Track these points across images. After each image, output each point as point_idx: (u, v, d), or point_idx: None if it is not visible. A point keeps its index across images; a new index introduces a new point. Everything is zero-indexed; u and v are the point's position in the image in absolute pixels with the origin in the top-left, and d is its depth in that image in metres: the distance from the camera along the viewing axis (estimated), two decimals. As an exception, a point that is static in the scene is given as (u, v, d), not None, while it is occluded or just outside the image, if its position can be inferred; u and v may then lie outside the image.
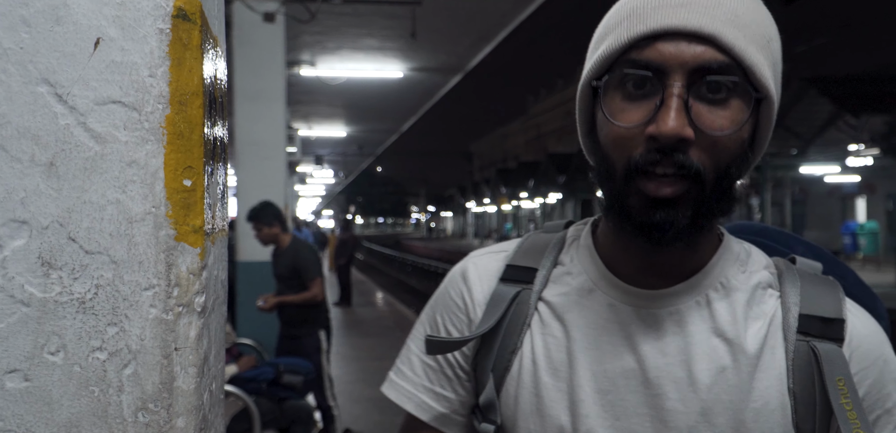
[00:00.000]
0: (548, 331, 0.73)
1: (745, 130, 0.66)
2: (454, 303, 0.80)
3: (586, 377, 0.70)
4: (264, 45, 6.14)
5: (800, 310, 0.69)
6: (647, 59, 0.64)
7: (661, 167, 0.63)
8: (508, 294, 0.76)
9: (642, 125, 0.64)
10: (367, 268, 26.03)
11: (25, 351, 0.62)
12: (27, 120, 0.62)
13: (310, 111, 13.15)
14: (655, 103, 0.64)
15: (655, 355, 0.69)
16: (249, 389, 3.53)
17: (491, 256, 0.81)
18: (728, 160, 0.65)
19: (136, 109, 0.64)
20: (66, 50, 0.62)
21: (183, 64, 0.65)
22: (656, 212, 0.64)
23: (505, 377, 0.74)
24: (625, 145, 0.66)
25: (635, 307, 0.71)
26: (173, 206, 0.65)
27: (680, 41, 0.63)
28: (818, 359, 0.66)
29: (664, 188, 0.63)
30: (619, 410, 0.69)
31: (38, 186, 0.62)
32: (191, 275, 0.66)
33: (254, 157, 6.03)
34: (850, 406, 0.64)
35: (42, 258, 0.62)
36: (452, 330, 0.79)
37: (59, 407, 0.62)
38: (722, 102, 0.64)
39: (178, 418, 0.65)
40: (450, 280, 0.82)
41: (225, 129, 0.80)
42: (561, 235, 0.80)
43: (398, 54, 9.03)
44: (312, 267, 4.35)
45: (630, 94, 0.66)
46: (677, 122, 0.62)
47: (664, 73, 0.64)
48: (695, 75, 0.63)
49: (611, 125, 0.67)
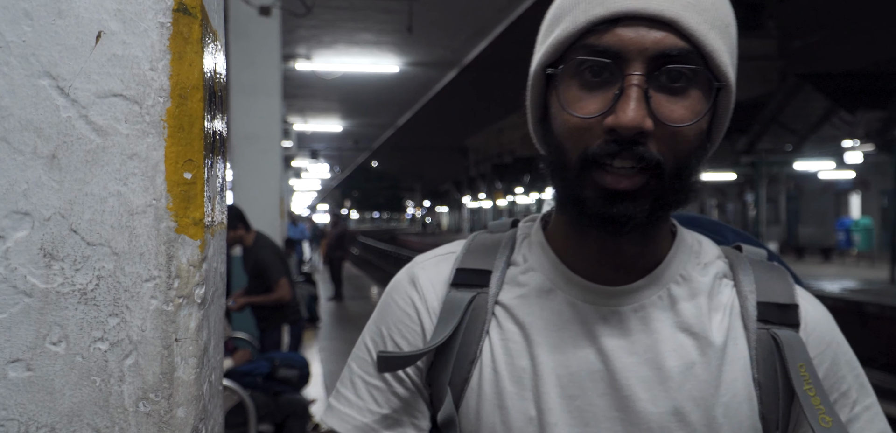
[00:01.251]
0: (507, 337, 0.69)
1: (704, 121, 0.63)
2: (403, 312, 0.73)
3: (551, 382, 0.66)
4: (260, 38, 6.12)
5: (757, 298, 0.68)
6: (606, 44, 0.61)
7: (620, 160, 0.60)
8: (463, 299, 0.70)
9: (600, 116, 0.61)
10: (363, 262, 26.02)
11: (28, 341, 0.63)
12: (29, 112, 0.62)
13: (305, 105, 13.12)
14: (614, 93, 0.61)
15: (622, 355, 0.65)
16: (245, 383, 3.54)
17: (438, 259, 0.76)
18: (687, 151, 0.63)
19: (137, 102, 0.64)
20: (68, 43, 0.63)
21: (183, 58, 0.65)
22: (614, 205, 0.61)
23: (464, 389, 0.69)
24: (581, 136, 0.62)
25: (597, 305, 0.68)
26: (174, 199, 0.65)
27: (640, 25, 0.60)
28: (780, 346, 0.65)
29: (622, 181, 0.61)
30: (588, 415, 0.65)
31: (40, 178, 0.63)
32: (191, 267, 0.66)
33: (249, 151, 6.02)
34: (813, 392, 0.63)
35: (44, 249, 0.63)
36: (402, 343, 0.72)
37: (61, 396, 0.63)
38: (681, 92, 0.61)
39: (179, 408, 0.66)
40: (395, 288, 0.75)
41: (224, 122, 0.81)
42: (510, 234, 0.75)
43: (394, 49, 9.02)
44: (273, 268, 4.30)
45: (587, 83, 0.62)
46: (637, 113, 0.59)
47: (623, 61, 0.60)
48: (655, 63, 0.60)
49: (566, 116, 0.63)
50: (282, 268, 4.37)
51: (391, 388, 0.72)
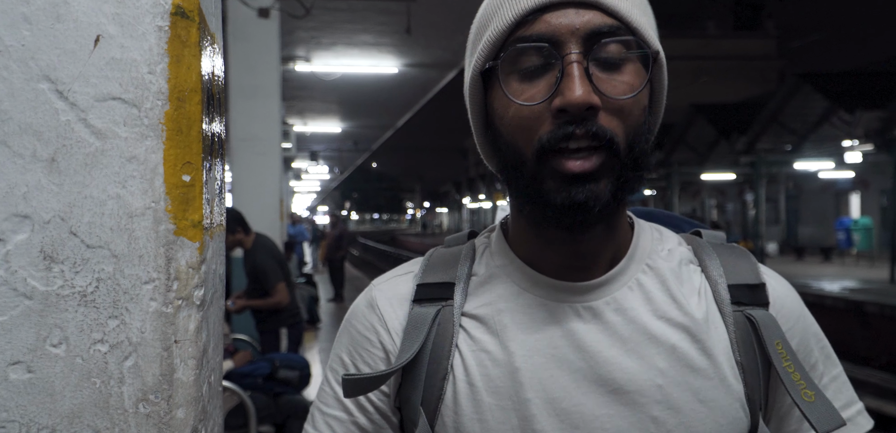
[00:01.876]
0: (479, 347, 0.66)
1: (644, 95, 0.64)
2: (364, 337, 0.71)
3: (534, 389, 0.64)
4: (259, 40, 6.13)
5: (727, 281, 0.68)
6: (538, 32, 0.61)
7: (575, 141, 0.60)
8: (428, 315, 0.68)
9: (546, 100, 0.61)
10: (363, 263, 26.03)
11: (28, 343, 0.63)
12: (29, 116, 0.63)
13: (305, 107, 13.13)
14: (555, 76, 0.61)
15: (603, 350, 0.64)
16: (245, 384, 3.54)
17: (396, 279, 0.74)
18: (635, 126, 0.63)
19: (136, 106, 0.65)
20: (67, 47, 0.63)
21: (181, 61, 0.66)
22: (577, 189, 0.60)
23: (438, 408, 0.66)
24: (530, 127, 0.62)
25: (570, 303, 0.66)
26: (173, 201, 0.66)
27: (567, 9, 0.61)
28: (756, 326, 0.66)
29: (582, 163, 0.60)
30: (577, 417, 0.63)
31: (39, 181, 0.63)
32: (190, 269, 0.67)
33: (249, 153, 6.02)
34: (793, 368, 0.64)
35: (44, 252, 0.63)
36: (365, 369, 0.70)
37: (61, 398, 0.63)
38: (617, 67, 0.62)
39: (178, 409, 0.66)
40: (354, 315, 0.74)
41: (222, 125, 0.81)
42: (468, 246, 0.74)
43: (393, 50, 9.03)
44: (270, 274, 4.29)
45: (526, 74, 0.62)
46: (583, 89, 0.59)
47: (558, 44, 0.61)
48: (588, 42, 0.61)
49: (513, 106, 0.63)
50: (280, 273, 4.36)
51: (353, 418, 0.70)
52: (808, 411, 0.61)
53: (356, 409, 0.70)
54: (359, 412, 0.70)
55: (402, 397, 0.69)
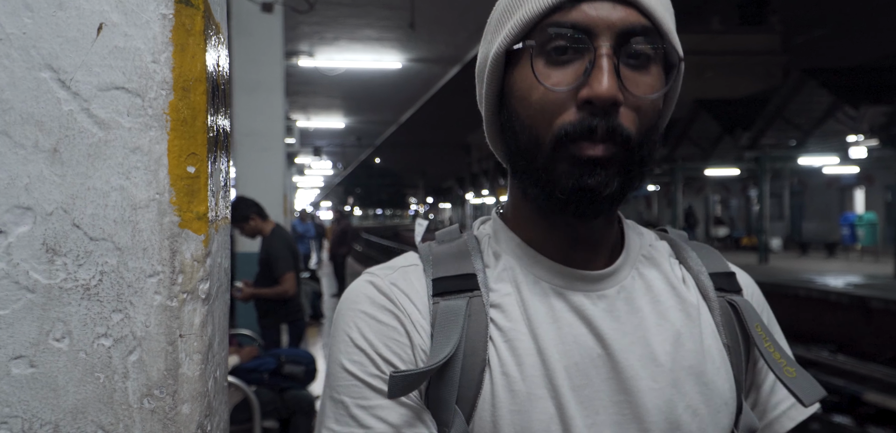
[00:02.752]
0: (510, 337, 0.66)
1: (661, 98, 0.65)
2: (387, 326, 0.65)
3: (562, 375, 0.64)
4: (262, 35, 6.12)
5: (707, 270, 0.72)
6: (574, 20, 0.62)
7: (597, 134, 0.61)
8: (460, 307, 0.65)
9: (573, 89, 0.62)
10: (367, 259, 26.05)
11: (31, 337, 0.62)
12: (31, 106, 0.61)
13: (308, 102, 13.12)
14: (585, 66, 0.61)
15: (617, 337, 0.66)
16: (250, 380, 3.54)
17: (403, 271, 0.70)
18: (649, 126, 0.64)
19: (140, 95, 0.63)
20: (69, 35, 0.62)
21: (186, 50, 0.64)
22: (590, 175, 0.61)
23: (476, 404, 0.63)
24: (552, 112, 0.62)
25: (585, 291, 0.67)
26: (177, 193, 0.65)
27: (604, 3, 0.62)
28: (738, 311, 0.70)
29: (597, 148, 0.61)
30: (598, 404, 0.64)
31: (41, 172, 0.62)
32: (195, 263, 0.66)
33: (252, 149, 6.02)
34: (772, 348, 0.67)
35: (46, 244, 0.62)
36: (395, 359, 0.64)
37: (64, 393, 0.62)
38: (643, 67, 0.63)
39: (184, 404, 0.65)
40: (365, 302, 0.67)
41: (227, 117, 0.80)
42: (470, 239, 0.73)
43: (396, 45, 9.00)
44: (282, 261, 4.27)
45: (554, 59, 0.63)
46: (612, 84, 0.60)
47: (592, 35, 0.61)
48: (621, 38, 0.61)
49: (540, 89, 0.63)
50: (291, 263, 4.37)
51: (415, 413, 0.64)
52: (792, 386, 0.65)
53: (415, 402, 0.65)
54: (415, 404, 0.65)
55: (431, 396, 0.65)
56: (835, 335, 10.46)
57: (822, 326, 10.82)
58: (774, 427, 0.73)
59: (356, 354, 0.65)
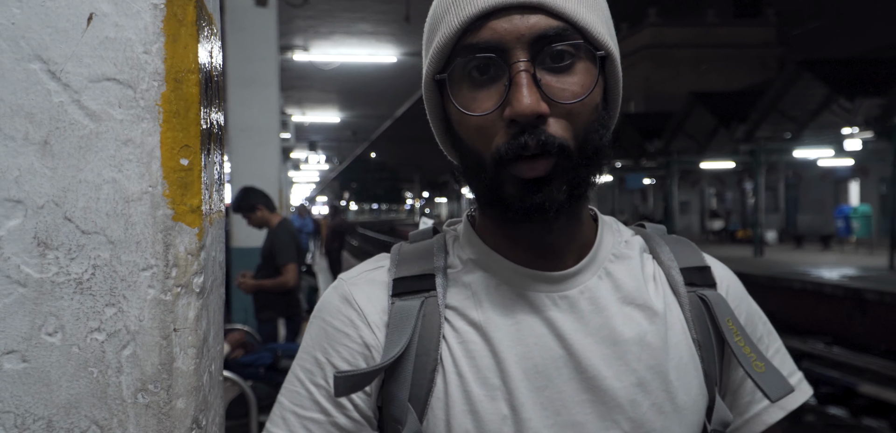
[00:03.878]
0: (465, 339, 0.66)
1: (596, 93, 0.64)
2: (341, 333, 0.68)
3: (519, 377, 0.64)
4: (257, 29, 6.09)
5: (679, 264, 0.72)
6: (484, 40, 0.62)
7: (528, 150, 0.61)
8: (413, 307, 0.67)
9: (498, 110, 0.62)
10: (362, 254, 26.05)
11: (23, 332, 0.61)
12: (20, 97, 0.61)
13: (303, 97, 13.08)
14: (504, 84, 0.61)
15: (579, 337, 0.66)
16: (247, 374, 3.54)
17: (367, 274, 0.72)
18: (585, 126, 0.63)
19: (131, 87, 0.63)
20: (59, 26, 0.61)
21: (178, 40, 0.64)
22: (533, 194, 0.62)
23: (428, 401, 0.65)
24: (486, 135, 0.63)
25: (547, 293, 0.68)
26: (170, 186, 0.64)
27: (512, 15, 0.61)
28: (708, 305, 0.70)
29: (536, 168, 0.61)
30: (559, 404, 0.64)
31: (32, 165, 0.61)
32: (189, 256, 0.65)
33: (247, 143, 6.00)
34: (743, 342, 0.68)
35: (38, 238, 0.61)
36: (343, 366, 0.67)
37: (57, 388, 0.62)
38: (567, 69, 0.62)
39: (178, 399, 0.64)
40: (326, 310, 0.70)
41: (221, 110, 0.79)
42: (437, 239, 0.74)
43: (392, 39, 8.97)
44: (285, 250, 4.27)
45: (475, 81, 0.63)
46: (531, 98, 0.60)
47: (505, 51, 0.61)
48: (535, 47, 0.61)
49: (466, 117, 0.64)
50: (294, 254, 4.36)
51: (331, 420, 0.67)
52: (760, 381, 0.66)
53: (335, 410, 0.67)
54: (338, 412, 0.67)
55: (385, 395, 0.66)
56: (830, 327, 10.51)
57: (817, 319, 10.87)
58: (752, 424, 0.73)
59: (308, 362, 0.69)
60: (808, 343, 9.39)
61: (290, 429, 0.68)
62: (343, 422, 0.67)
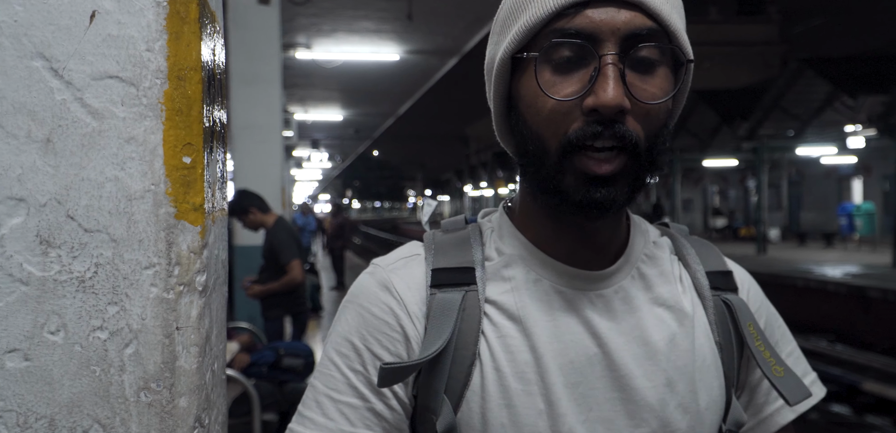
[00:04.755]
0: (503, 333, 0.67)
1: (670, 100, 0.65)
2: (381, 320, 0.68)
3: (555, 373, 0.65)
4: (259, 27, 6.09)
5: (704, 268, 0.73)
6: (578, 26, 0.61)
7: (601, 141, 0.61)
8: (455, 300, 0.67)
9: (579, 98, 0.61)
10: (365, 252, 26.05)
11: (25, 330, 0.61)
12: (23, 95, 0.60)
13: (306, 95, 13.08)
14: (590, 74, 0.61)
15: (614, 336, 0.67)
16: (250, 373, 3.54)
17: (405, 261, 0.71)
18: (658, 128, 0.64)
19: (134, 84, 0.62)
20: (61, 23, 0.61)
21: (181, 38, 0.63)
22: (597, 190, 0.62)
23: (463, 394, 0.65)
24: (559, 121, 0.62)
25: (584, 291, 0.68)
26: (173, 184, 0.64)
27: (609, 7, 0.61)
28: (732, 310, 0.71)
29: (603, 166, 0.61)
30: (592, 400, 0.65)
31: (34, 163, 0.61)
32: (191, 254, 0.65)
33: (250, 141, 6.00)
34: (763, 347, 0.69)
35: (40, 236, 0.61)
36: (383, 353, 0.67)
37: (60, 386, 0.62)
38: (650, 70, 0.62)
39: (181, 398, 0.64)
40: (364, 295, 0.69)
41: (224, 108, 0.79)
42: (473, 229, 0.73)
43: (394, 37, 8.97)
44: (286, 249, 4.27)
45: (559, 67, 0.62)
46: (617, 91, 0.60)
47: (597, 42, 0.61)
48: (626, 43, 0.61)
49: (545, 99, 0.63)
50: (296, 250, 4.36)
51: (368, 405, 0.67)
52: (779, 385, 0.67)
53: (373, 396, 0.67)
54: (376, 399, 0.67)
55: (422, 385, 0.67)
56: (833, 325, 10.49)
57: (820, 316, 10.85)
58: (766, 425, 0.75)
59: (345, 347, 0.68)
60: (811, 341, 9.37)
61: (325, 412, 0.67)
62: (380, 408, 0.67)
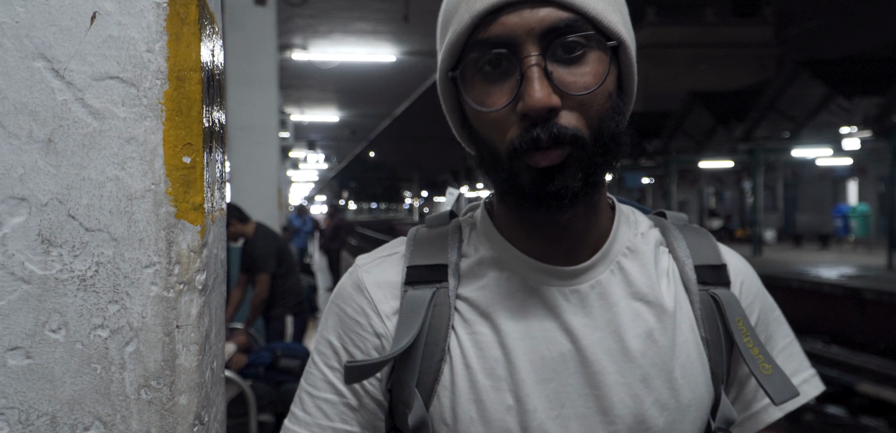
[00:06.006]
0: (474, 330, 0.68)
1: (609, 82, 0.64)
2: (353, 320, 0.71)
3: (526, 370, 0.66)
4: (256, 28, 6.08)
5: (693, 261, 0.72)
6: (495, 34, 0.62)
7: (543, 143, 0.61)
8: (425, 297, 0.68)
9: (511, 104, 0.63)
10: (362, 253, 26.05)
11: (27, 328, 0.62)
12: (24, 95, 0.61)
13: (302, 96, 13.07)
14: (516, 79, 0.62)
15: (588, 332, 0.67)
16: (246, 374, 3.54)
17: (382, 260, 0.74)
18: (599, 115, 0.64)
19: (134, 85, 0.63)
20: (63, 24, 0.61)
21: (181, 39, 0.64)
22: (549, 182, 0.63)
23: (434, 389, 0.67)
24: (500, 128, 0.64)
25: (558, 287, 0.68)
26: (173, 183, 0.64)
27: (522, 9, 0.61)
28: (720, 305, 0.70)
29: (549, 156, 0.62)
30: (564, 397, 0.66)
31: (36, 163, 0.61)
32: (191, 253, 0.65)
33: (246, 142, 6.00)
34: (752, 343, 0.68)
35: (42, 235, 0.62)
36: (356, 352, 0.70)
37: (61, 384, 0.62)
38: (579, 60, 0.62)
39: (181, 396, 0.65)
40: (341, 296, 0.73)
41: (223, 109, 0.79)
42: (454, 226, 0.75)
43: (391, 38, 8.97)
44: (260, 261, 4.23)
45: (488, 76, 0.64)
46: (543, 92, 0.60)
47: (516, 46, 0.62)
48: (546, 39, 0.61)
49: (481, 113, 0.64)
50: (271, 263, 4.29)
51: (344, 400, 0.70)
52: (765, 383, 0.66)
53: (348, 392, 0.70)
54: (351, 394, 0.70)
55: (395, 380, 0.69)
56: (828, 326, 10.53)
57: (815, 317, 10.89)
58: (754, 421, 0.74)
59: (323, 345, 0.73)
60: (806, 342, 9.40)
61: (305, 408, 0.71)
62: (354, 403, 0.70)
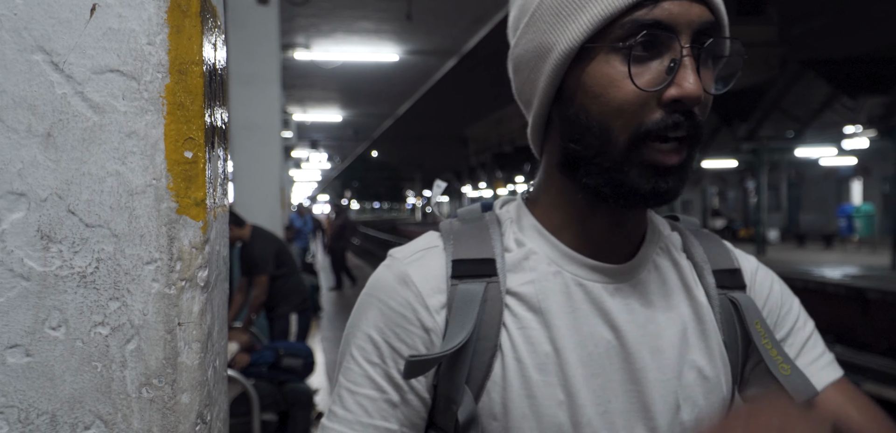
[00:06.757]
0: (524, 325, 0.67)
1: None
2: (399, 315, 0.68)
3: (575, 364, 0.66)
4: (258, 28, 6.08)
5: (711, 266, 0.74)
6: (656, 17, 0.61)
7: (681, 130, 0.62)
8: (477, 292, 0.67)
9: (660, 89, 0.62)
10: (364, 253, 26.05)
11: (26, 326, 0.61)
12: (23, 89, 0.60)
13: (305, 95, 13.07)
14: (667, 65, 0.62)
15: (631, 329, 0.68)
16: (249, 373, 3.53)
17: (422, 254, 0.71)
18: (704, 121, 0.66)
19: (135, 78, 0.62)
20: (62, 16, 0.60)
21: (182, 31, 0.63)
22: (664, 181, 0.63)
23: (484, 385, 0.66)
24: (632, 111, 0.62)
25: (603, 283, 0.69)
26: (174, 179, 0.63)
27: (683, 1, 0.62)
28: (739, 309, 0.72)
29: (673, 157, 0.62)
30: (609, 392, 0.67)
31: (35, 157, 0.60)
32: (193, 250, 0.64)
33: (249, 142, 5.99)
34: (770, 345, 0.70)
35: (41, 231, 0.61)
36: (402, 347, 0.68)
37: (61, 382, 0.61)
38: (708, 64, 0.64)
39: (183, 394, 0.64)
40: (382, 289, 0.69)
41: (224, 104, 0.78)
42: (491, 219, 0.74)
43: (393, 37, 8.96)
44: (260, 264, 4.23)
45: (634, 57, 0.62)
46: (698, 84, 0.61)
47: (675, 33, 0.61)
48: (698, 36, 0.62)
49: (618, 89, 0.62)
50: (269, 265, 4.30)
51: (386, 396, 0.68)
52: (785, 383, 0.68)
53: (391, 388, 0.68)
54: (394, 391, 0.68)
55: (443, 375, 0.68)
56: (832, 326, 10.48)
57: (819, 317, 10.69)
58: None
59: (364, 341, 0.70)
60: (810, 342, 9.37)
61: (345, 405, 0.69)
62: (396, 399, 0.68)
